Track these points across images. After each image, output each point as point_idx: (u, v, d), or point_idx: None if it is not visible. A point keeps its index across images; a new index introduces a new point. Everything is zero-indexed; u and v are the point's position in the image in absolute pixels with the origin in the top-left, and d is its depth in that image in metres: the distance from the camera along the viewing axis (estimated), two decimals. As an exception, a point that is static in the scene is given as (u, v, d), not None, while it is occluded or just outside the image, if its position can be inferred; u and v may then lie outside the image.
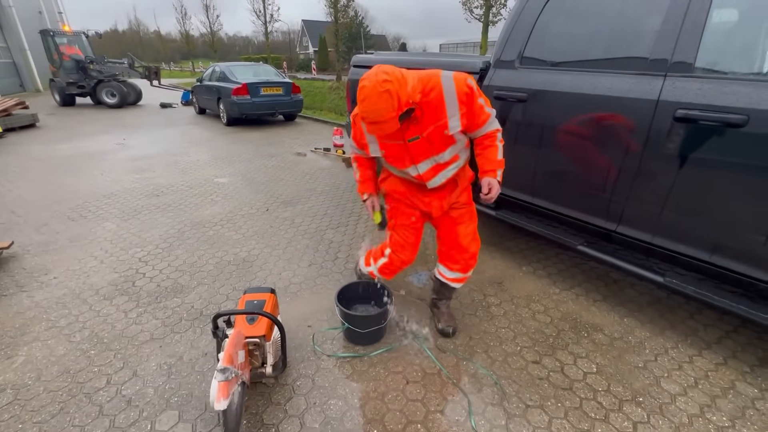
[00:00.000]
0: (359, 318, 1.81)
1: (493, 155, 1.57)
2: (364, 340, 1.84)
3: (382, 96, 1.28)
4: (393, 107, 1.30)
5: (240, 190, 4.13)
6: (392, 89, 1.28)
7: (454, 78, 1.46)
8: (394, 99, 1.29)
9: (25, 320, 2.04)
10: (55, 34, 11.36)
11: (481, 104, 1.50)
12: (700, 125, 1.54)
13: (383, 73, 1.31)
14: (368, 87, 1.30)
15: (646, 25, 1.75)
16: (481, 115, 1.51)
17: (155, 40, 60.76)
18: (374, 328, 1.80)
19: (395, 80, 1.30)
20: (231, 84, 7.79)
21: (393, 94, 1.29)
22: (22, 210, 3.56)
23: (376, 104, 1.30)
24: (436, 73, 1.48)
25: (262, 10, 24.79)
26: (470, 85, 1.46)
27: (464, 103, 1.46)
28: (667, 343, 1.86)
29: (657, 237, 1.79)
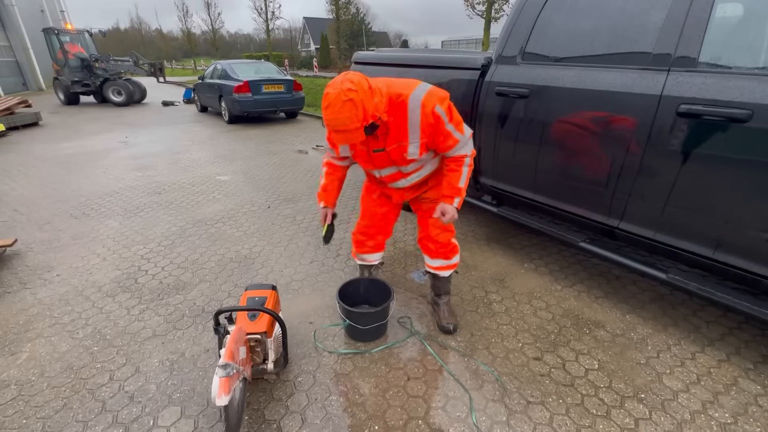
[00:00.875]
0: (360, 315, 1.80)
1: (455, 181, 1.58)
2: (365, 336, 1.84)
3: (345, 105, 1.24)
4: (357, 117, 1.27)
5: (242, 187, 4.13)
6: (356, 98, 1.25)
7: (422, 105, 1.41)
8: (359, 109, 1.26)
9: (29, 317, 2.05)
10: (59, 33, 11.33)
11: (449, 131, 1.47)
12: (704, 120, 1.53)
13: (348, 81, 1.27)
14: (332, 94, 1.26)
15: (649, 19, 1.73)
16: (447, 141, 1.50)
17: (157, 39, 60.83)
18: (375, 324, 1.80)
19: (360, 90, 1.26)
20: (233, 82, 7.79)
21: (357, 104, 1.25)
22: (25, 208, 3.58)
23: (339, 113, 1.26)
24: (407, 92, 1.42)
25: (264, 7, 24.79)
26: (437, 114, 1.42)
27: (426, 133, 1.45)
28: (670, 340, 1.85)
29: (660, 233, 1.78)
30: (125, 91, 11.15)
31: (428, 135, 1.47)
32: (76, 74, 11.09)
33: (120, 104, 11.18)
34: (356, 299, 1.98)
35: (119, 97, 11.20)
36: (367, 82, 1.32)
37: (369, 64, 3.36)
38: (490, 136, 2.38)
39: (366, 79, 1.33)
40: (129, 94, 11.20)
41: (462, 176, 1.57)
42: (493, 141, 2.36)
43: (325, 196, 1.84)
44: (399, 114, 1.43)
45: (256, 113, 7.98)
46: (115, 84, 11.14)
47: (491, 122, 2.34)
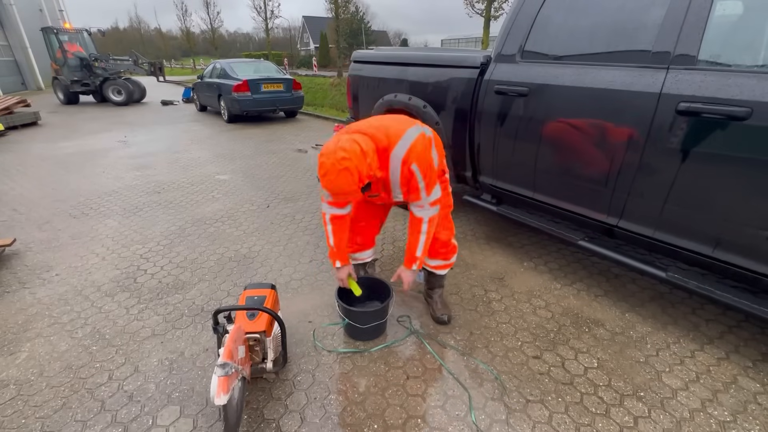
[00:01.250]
0: (359, 314, 1.80)
1: (414, 248, 1.68)
2: (364, 335, 1.84)
3: (341, 173, 1.30)
4: (354, 182, 1.33)
5: (241, 186, 4.13)
6: (351, 166, 1.30)
7: (402, 162, 1.49)
8: (354, 175, 1.31)
9: (28, 317, 2.05)
10: (58, 32, 11.30)
11: (417, 187, 1.54)
12: (703, 118, 1.53)
13: (341, 150, 1.32)
14: (327, 164, 1.32)
15: (648, 17, 1.73)
16: (413, 193, 1.58)
17: (156, 38, 60.70)
18: (374, 323, 1.80)
19: (354, 157, 1.31)
20: (232, 81, 7.78)
21: (352, 171, 1.31)
22: (24, 207, 3.57)
23: (336, 181, 1.32)
24: (391, 147, 1.48)
25: (263, 6, 24.69)
26: (412, 170, 1.49)
27: (404, 185, 1.56)
28: (669, 338, 1.85)
29: (659, 232, 1.78)
30: (125, 90, 11.13)
31: (405, 186, 1.57)
32: (76, 73, 11.05)
33: (120, 103, 11.16)
34: (356, 298, 1.96)
35: (119, 96, 11.18)
36: (359, 146, 1.36)
37: (368, 63, 3.36)
38: (489, 134, 2.37)
39: (357, 143, 1.36)
40: (129, 94, 11.18)
41: (419, 243, 1.66)
42: (493, 140, 2.36)
43: (341, 255, 1.77)
44: (384, 165, 1.51)
45: (255, 112, 7.97)
46: (115, 83, 11.12)
47: (490, 121, 2.33)
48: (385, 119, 1.60)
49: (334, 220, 1.71)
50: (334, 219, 1.71)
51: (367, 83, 3.35)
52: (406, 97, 2.87)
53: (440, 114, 2.65)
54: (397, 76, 2.97)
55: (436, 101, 2.67)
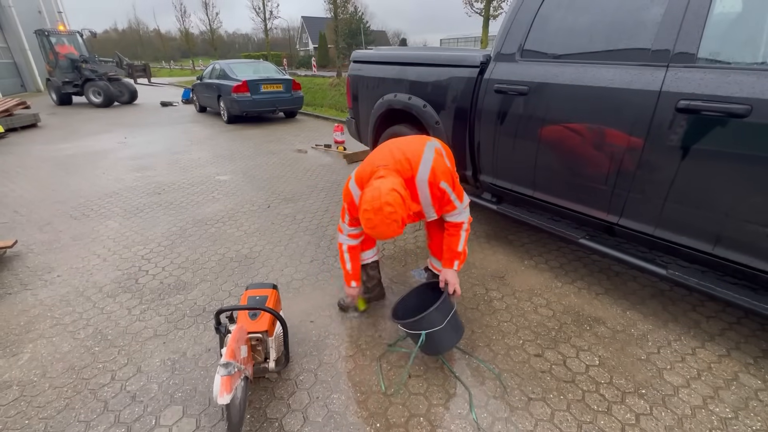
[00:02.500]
0: (431, 316, 1.54)
1: (455, 245, 1.73)
2: (447, 339, 1.60)
3: (390, 226, 1.39)
4: (399, 228, 1.42)
5: (241, 187, 4.13)
6: (398, 218, 1.39)
7: (429, 185, 1.57)
8: (400, 222, 1.41)
9: (30, 318, 2.05)
10: (50, 34, 11.38)
11: (451, 200, 1.63)
12: (703, 116, 1.53)
13: (388, 206, 1.37)
14: (375, 220, 1.39)
15: (647, 16, 1.73)
16: (446, 206, 1.66)
17: (155, 39, 60.70)
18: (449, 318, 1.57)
19: (399, 208, 1.39)
20: (231, 81, 7.78)
21: (399, 220, 1.40)
22: (25, 209, 3.58)
23: (385, 231, 1.41)
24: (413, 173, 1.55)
25: (262, 7, 24.69)
26: (443, 188, 1.58)
27: (436, 203, 1.63)
28: (670, 336, 1.86)
29: (659, 229, 1.78)
30: (104, 92, 10.90)
31: (437, 202, 1.64)
32: (67, 75, 11.13)
33: (99, 105, 11.00)
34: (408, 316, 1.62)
35: (98, 98, 11.00)
36: (399, 195, 1.41)
37: (367, 63, 3.36)
38: (489, 133, 2.38)
39: (397, 192, 1.41)
40: (108, 96, 10.95)
41: (460, 240, 1.73)
42: (492, 138, 2.36)
43: (356, 277, 1.89)
44: (413, 193, 1.59)
45: (255, 113, 7.98)
46: (95, 85, 10.96)
47: (490, 119, 2.34)
48: (400, 143, 1.65)
49: (351, 250, 1.84)
50: (351, 249, 1.84)
51: (366, 83, 3.35)
52: (405, 97, 2.87)
53: (440, 113, 2.66)
54: (397, 76, 2.97)
55: (435, 100, 2.67)
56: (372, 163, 1.60)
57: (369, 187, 1.46)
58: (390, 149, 1.63)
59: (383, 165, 1.55)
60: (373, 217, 1.39)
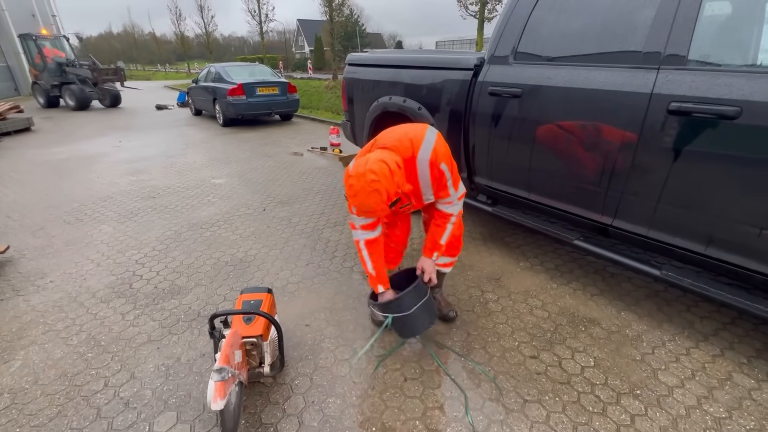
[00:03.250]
0: (401, 300, 1.62)
1: (438, 237, 1.74)
2: (417, 324, 1.67)
3: (371, 195, 1.35)
4: (382, 201, 1.37)
5: (237, 190, 4.12)
6: (380, 188, 1.34)
7: (430, 164, 1.56)
8: (383, 195, 1.36)
9: (22, 324, 2.03)
10: (36, 38, 11.57)
11: (446, 185, 1.63)
12: (694, 118, 1.54)
13: (371, 173, 1.35)
14: (357, 186, 1.36)
15: (638, 18, 1.75)
16: (441, 191, 1.66)
17: (150, 42, 60.54)
18: (420, 303, 1.63)
19: (383, 178, 1.35)
20: (226, 84, 7.77)
21: (382, 192, 1.35)
22: (17, 214, 3.54)
23: (366, 201, 1.37)
24: (414, 153, 1.54)
25: (257, 10, 24.71)
26: (442, 170, 1.58)
27: (434, 184, 1.62)
28: (665, 336, 1.87)
29: (653, 230, 1.79)
30: (76, 96, 10.95)
31: (435, 185, 1.63)
32: (55, 78, 11.27)
33: (74, 109, 11.12)
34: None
35: (72, 101, 11.11)
36: (387, 166, 1.38)
37: (363, 66, 3.37)
38: (483, 135, 2.38)
39: (385, 162, 1.39)
40: (80, 100, 10.99)
41: (445, 233, 1.73)
42: (487, 140, 2.37)
43: (382, 279, 1.73)
44: (412, 173, 1.57)
45: (250, 116, 7.96)
46: (69, 89, 11.10)
47: (484, 122, 2.35)
48: (403, 127, 1.66)
49: (369, 244, 1.71)
50: (368, 243, 1.71)
51: (362, 86, 3.36)
52: (401, 100, 2.88)
53: (435, 116, 2.66)
54: (392, 79, 2.98)
55: (430, 103, 2.68)
56: (373, 142, 1.62)
57: (360, 159, 1.46)
58: (393, 131, 1.63)
59: (383, 144, 1.55)
60: (355, 183, 1.36)
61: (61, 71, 11.29)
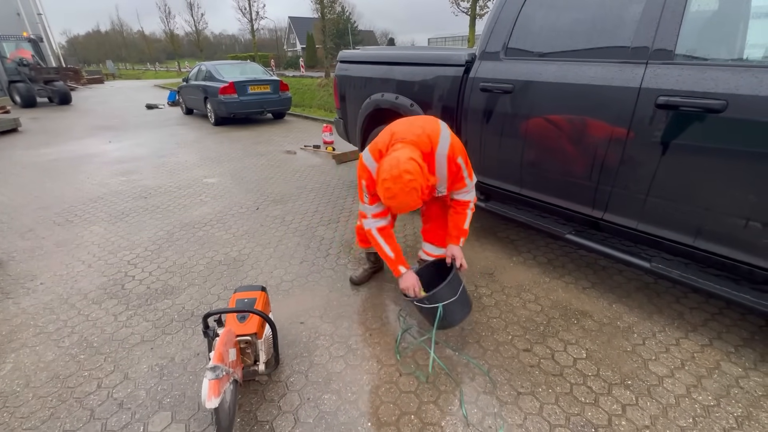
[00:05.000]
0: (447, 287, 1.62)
1: (461, 223, 1.80)
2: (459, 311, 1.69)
3: (410, 194, 1.41)
4: (419, 197, 1.45)
5: (229, 189, 4.09)
6: (417, 186, 1.41)
7: (448, 159, 1.61)
8: (419, 191, 1.43)
9: (12, 327, 2.00)
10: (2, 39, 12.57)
11: (463, 176, 1.71)
12: (681, 111, 1.57)
13: (407, 173, 1.39)
14: (395, 189, 1.40)
15: (626, 14, 1.77)
16: (458, 183, 1.73)
17: (139, 41, 59.72)
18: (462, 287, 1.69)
19: (418, 176, 1.41)
20: (218, 83, 7.70)
21: (419, 189, 1.42)
22: (5, 216, 3.49)
23: (405, 200, 1.43)
24: (433, 148, 1.58)
25: (248, 7, 24.45)
26: (459, 164, 1.66)
27: (451, 178, 1.69)
28: (655, 327, 1.90)
29: (642, 223, 1.81)
30: (21, 94, 11.61)
31: (451, 179, 1.70)
32: (13, 77, 12.04)
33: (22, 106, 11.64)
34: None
35: (18, 98, 11.74)
36: (418, 164, 1.43)
37: (354, 63, 3.36)
38: (475, 132, 2.39)
39: (416, 161, 1.44)
40: (25, 98, 11.61)
41: (467, 219, 1.80)
42: (479, 137, 2.38)
43: (401, 260, 1.78)
44: (430, 167, 1.60)
45: (242, 114, 7.90)
46: (16, 87, 11.80)
47: (476, 118, 2.36)
48: (417, 121, 1.68)
49: (381, 230, 1.78)
50: (381, 230, 1.78)
51: (354, 83, 3.35)
52: (393, 96, 2.88)
53: (427, 112, 2.67)
54: (384, 76, 2.97)
55: (422, 99, 2.69)
56: (390, 135, 1.61)
57: (387, 158, 1.48)
58: (409, 124, 1.65)
59: (402, 139, 1.57)
60: (393, 186, 1.40)
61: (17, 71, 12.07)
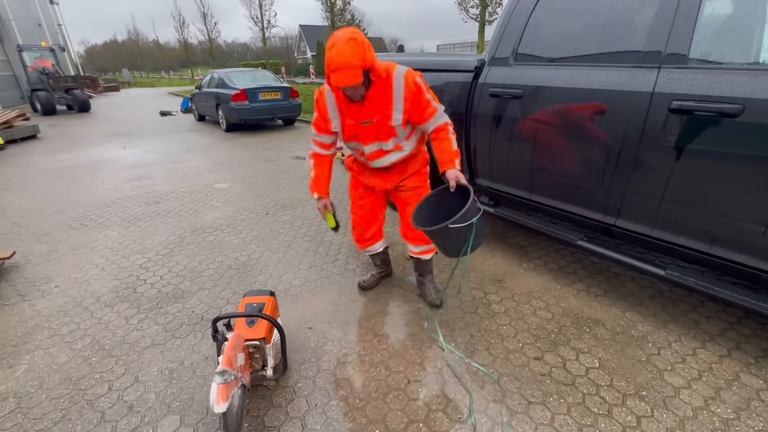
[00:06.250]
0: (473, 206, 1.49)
1: (449, 147, 1.71)
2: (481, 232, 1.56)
3: (348, 42, 1.42)
4: (359, 55, 1.42)
5: (240, 194, 4.14)
6: (359, 38, 1.44)
7: (404, 77, 1.62)
8: (360, 48, 1.42)
9: (27, 329, 2.04)
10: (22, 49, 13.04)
11: (428, 99, 1.68)
12: (696, 116, 1.54)
13: (351, 29, 1.47)
14: (336, 36, 1.46)
15: (638, 18, 1.75)
16: (427, 109, 1.69)
17: (154, 49, 61.19)
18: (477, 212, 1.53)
19: (361, 36, 1.46)
20: (229, 90, 7.83)
21: (359, 43, 1.43)
22: (23, 220, 3.58)
23: (344, 49, 1.41)
24: (392, 65, 1.64)
25: (260, 16, 24.92)
26: (417, 83, 1.64)
27: (409, 100, 1.64)
28: (670, 336, 1.85)
29: (657, 230, 1.78)
30: (41, 102, 11.95)
31: (410, 102, 1.64)
32: (34, 85, 12.47)
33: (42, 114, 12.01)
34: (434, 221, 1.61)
35: (39, 106, 12.09)
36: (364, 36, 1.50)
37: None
38: (485, 137, 2.39)
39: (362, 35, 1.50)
40: (45, 106, 11.96)
41: (452, 142, 1.72)
42: (488, 142, 2.37)
43: (318, 186, 1.92)
44: (385, 86, 1.62)
45: (253, 121, 8.01)
46: (37, 95, 12.13)
47: (486, 123, 2.35)
48: None
49: (315, 156, 1.90)
50: (316, 156, 1.90)
51: (363, 89, 3.37)
52: (401, 102, 2.89)
53: (436, 118, 2.67)
54: (393, 82, 2.98)
55: (431, 105, 2.69)
56: None
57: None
58: None
59: None
60: (334, 34, 1.46)
61: (39, 80, 12.53)
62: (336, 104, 1.71)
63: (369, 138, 1.76)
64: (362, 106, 1.66)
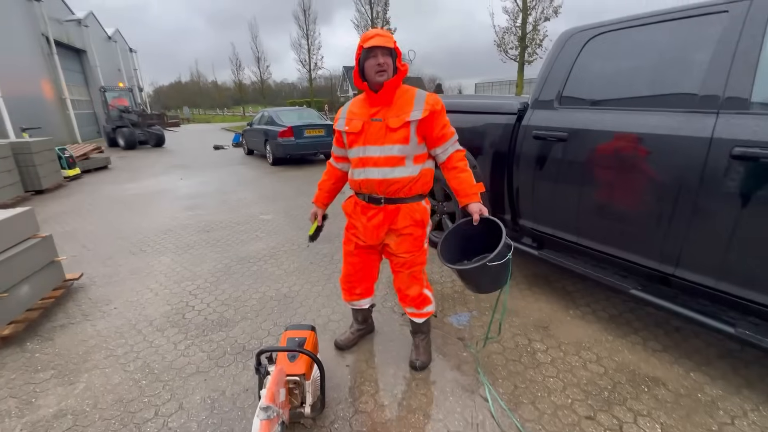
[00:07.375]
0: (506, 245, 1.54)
1: (469, 179, 1.71)
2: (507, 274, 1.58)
3: (385, 36, 1.60)
4: (389, 37, 1.60)
5: (282, 226, 4.31)
6: (389, 35, 1.61)
7: (427, 93, 1.69)
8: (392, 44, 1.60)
9: (88, 348, 2.19)
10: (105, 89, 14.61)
11: (447, 122, 1.71)
12: (762, 163, 1.45)
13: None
14: (374, 30, 1.63)
15: (692, 60, 1.72)
16: (445, 128, 1.70)
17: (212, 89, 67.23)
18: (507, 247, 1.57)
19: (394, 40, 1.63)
20: (278, 127, 8.40)
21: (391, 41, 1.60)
22: (92, 244, 3.93)
23: (377, 30, 1.62)
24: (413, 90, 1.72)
25: (308, 60, 26.88)
26: (440, 102, 1.68)
27: (428, 110, 1.63)
28: (746, 404, 1.65)
29: (723, 282, 1.64)
30: (125, 137, 13.06)
31: (429, 112, 1.63)
32: (115, 122, 13.67)
33: (123, 148, 13.06)
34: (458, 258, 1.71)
35: (122, 141, 13.17)
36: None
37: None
38: (528, 178, 2.37)
39: None
40: (128, 141, 13.00)
41: (472, 176, 1.73)
42: (531, 183, 2.35)
43: (318, 194, 2.01)
44: (408, 91, 1.69)
45: (298, 155, 8.47)
46: (121, 131, 13.22)
47: (529, 165, 2.34)
48: None
49: (327, 165, 1.99)
50: (328, 165, 1.99)
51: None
52: (443, 142, 2.95)
53: (478, 158, 2.70)
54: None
55: (473, 145, 2.72)
56: None
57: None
58: None
59: None
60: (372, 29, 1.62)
61: (120, 117, 13.66)
62: (349, 107, 1.78)
63: (375, 139, 1.66)
64: (378, 102, 1.65)
